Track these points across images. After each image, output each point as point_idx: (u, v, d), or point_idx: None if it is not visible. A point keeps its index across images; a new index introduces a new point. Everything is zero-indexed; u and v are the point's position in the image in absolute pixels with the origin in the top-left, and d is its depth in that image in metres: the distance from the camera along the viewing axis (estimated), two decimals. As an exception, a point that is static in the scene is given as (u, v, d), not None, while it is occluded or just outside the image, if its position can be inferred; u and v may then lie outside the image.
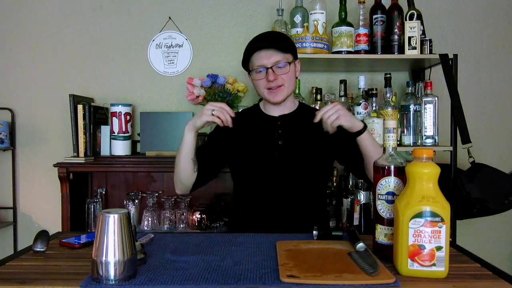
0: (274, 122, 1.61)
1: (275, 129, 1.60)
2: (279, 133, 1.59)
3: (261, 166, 1.58)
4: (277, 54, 1.52)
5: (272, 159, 1.57)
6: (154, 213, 2.26)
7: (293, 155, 1.57)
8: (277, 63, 1.52)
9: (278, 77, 1.53)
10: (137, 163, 2.28)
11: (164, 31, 2.51)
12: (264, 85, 1.55)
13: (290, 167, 1.56)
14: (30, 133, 2.53)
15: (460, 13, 2.53)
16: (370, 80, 2.46)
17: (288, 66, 1.54)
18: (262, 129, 1.62)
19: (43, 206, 2.53)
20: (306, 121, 1.60)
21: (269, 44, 1.52)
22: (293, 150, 1.57)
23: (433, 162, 0.99)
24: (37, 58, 2.54)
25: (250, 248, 1.17)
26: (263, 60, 1.52)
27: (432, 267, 0.94)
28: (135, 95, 2.52)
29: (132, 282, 0.91)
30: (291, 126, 1.61)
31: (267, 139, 1.59)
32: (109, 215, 0.91)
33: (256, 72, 1.55)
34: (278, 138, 1.58)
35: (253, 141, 1.61)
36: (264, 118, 1.65)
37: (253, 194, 1.60)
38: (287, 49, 1.54)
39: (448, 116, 2.16)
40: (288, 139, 1.58)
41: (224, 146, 1.64)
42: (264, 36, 1.58)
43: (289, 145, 1.58)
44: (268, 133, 1.60)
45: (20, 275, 0.98)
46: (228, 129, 1.63)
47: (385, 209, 1.07)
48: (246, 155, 1.60)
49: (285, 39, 1.61)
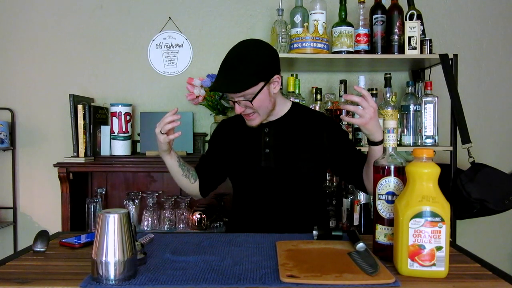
0: (261, 130, 1.58)
1: (261, 137, 1.57)
2: (266, 141, 1.56)
3: (247, 174, 1.57)
4: (237, 94, 1.44)
5: (257, 168, 1.55)
6: (154, 213, 2.26)
7: (279, 164, 1.53)
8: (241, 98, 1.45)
9: (245, 108, 1.48)
10: (137, 163, 2.28)
11: (164, 31, 2.52)
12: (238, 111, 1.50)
13: (277, 175, 1.54)
14: (30, 133, 2.53)
15: (460, 13, 2.53)
16: (370, 80, 2.46)
17: (256, 96, 1.44)
18: (249, 137, 1.59)
19: (43, 206, 2.53)
20: (297, 124, 1.58)
21: (226, 88, 1.45)
22: (280, 158, 1.54)
23: (433, 162, 0.98)
24: (37, 58, 2.54)
25: (250, 248, 1.17)
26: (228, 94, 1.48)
27: (432, 267, 0.94)
28: (135, 95, 2.52)
29: (132, 282, 0.91)
30: (279, 133, 1.57)
31: (253, 148, 1.57)
32: (109, 215, 0.91)
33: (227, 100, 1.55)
34: (264, 147, 1.56)
35: (241, 149, 1.60)
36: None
37: (249, 198, 1.60)
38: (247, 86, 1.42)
39: (448, 116, 2.16)
40: (275, 147, 1.55)
41: (222, 152, 1.65)
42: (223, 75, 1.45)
43: (276, 153, 1.54)
44: (255, 142, 1.57)
45: (20, 275, 0.98)
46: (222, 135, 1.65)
47: (385, 209, 1.07)
48: (235, 163, 1.60)
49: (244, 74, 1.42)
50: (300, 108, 1.65)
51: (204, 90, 2.32)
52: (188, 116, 2.40)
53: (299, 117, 1.60)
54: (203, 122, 2.50)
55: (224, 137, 1.66)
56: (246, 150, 1.59)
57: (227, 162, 1.63)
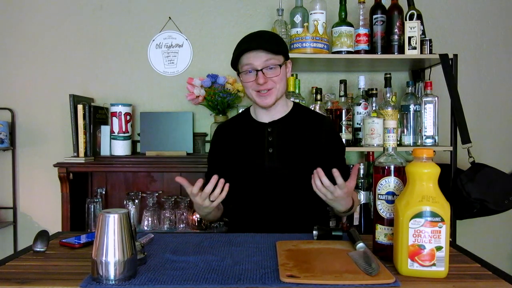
0: (264, 130, 1.58)
1: (264, 137, 1.57)
2: (269, 141, 1.56)
3: (251, 175, 1.56)
4: (267, 55, 1.46)
5: (262, 168, 1.54)
6: (154, 213, 2.26)
7: (283, 163, 1.54)
8: (267, 65, 1.47)
9: (268, 80, 1.48)
10: (137, 163, 2.28)
11: (164, 31, 2.52)
12: (254, 87, 1.50)
13: (282, 175, 1.54)
14: (30, 133, 2.53)
15: (460, 13, 2.53)
16: (370, 80, 2.46)
17: (279, 68, 1.48)
18: (252, 137, 1.59)
19: (43, 206, 2.53)
20: (299, 124, 1.58)
21: (259, 45, 1.46)
22: (284, 157, 1.54)
23: (433, 162, 0.98)
24: (37, 58, 2.54)
25: (250, 248, 1.17)
26: (252, 61, 1.47)
27: (432, 267, 0.94)
28: (135, 95, 2.52)
29: (132, 282, 0.91)
30: (282, 132, 1.57)
31: (257, 148, 1.56)
32: (109, 215, 0.91)
33: (245, 74, 1.50)
34: (268, 146, 1.55)
35: (244, 150, 1.59)
36: (254, 125, 1.61)
37: (250, 198, 1.59)
38: (278, 51, 1.48)
39: (448, 116, 2.17)
40: (279, 146, 1.55)
41: (226, 161, 1.62)
42: (254, 36, 1.51)
43: (279, 152, 1.54)
44: (258, 142, 1.57)
45: (20, 275, 0.98)
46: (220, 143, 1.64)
47: (385, 209, 1.07)
48: (238, 165, 1.59)
49: (276, 39, 1.54)
50: (301, 109, 1.66)
51: (204, 90, 2.32)
52: (188, 116, 2.40)
53: (301, 117, 1.61)
54: (203, 122, 2.50)
55: (224, 144, 1.65)
56: (249, 150, 1.58)
57: (233, 167, 1.61)
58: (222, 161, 1.63)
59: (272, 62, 1.47)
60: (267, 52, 1.46)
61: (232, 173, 1.60)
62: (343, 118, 2.17)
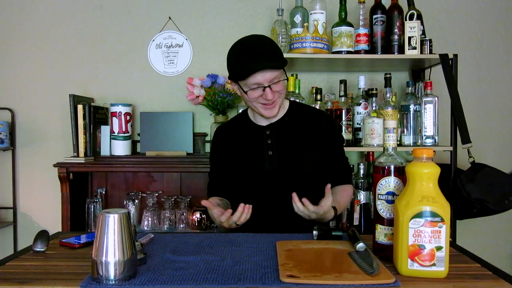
0: (263, 133, 1.58)
1: (263, 139, 1.57)
2: (268, 144, 1.56)
3: (252, 177, 1.57)
4: (273, 73, 1.44)
5: (262, 171, 1.55)
6: (154, 213, 2.26)
7: (283, 165, 1.54)
8: (273, 81, 1.45)
9: (275, 94, 1.47)
10: (137, 163, 2.28)
11: (164, 31, 2.52)
12: (260, 101, 1.49)
13: (282, 177, 1.54)
14: (30, 133, 2.54)
15: (460, 13, 2.53)
16: (370, 80, 2.46)
17: (283, 81, 1.48)
18: (251, 141, 1.59)
19: (43, 206, 2.53)
20: (296, 123, 1.59)
21: (266, 65, 1.42)
22: (283, 159, 1.55)
23: (433, 162, 0.98)
24: (37, 58, 2.54)
25: (250, 248, 1.16)
26: (260, 81, 1.44)
27: (432, 267, 0.94)
28: (135, 95, 2.52)
29: (132, 282, 0.91)
30: (281, 134, 1.57)
31: (256, 151, 1.57)
32: (109, 215, 0.91)
33: (252, 91, 1.47)
34: (267, 149, 1.56)
35: (243, 153, 1.59)
36: (253, 129, 1.61)
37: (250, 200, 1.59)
38: (282, 65, 1.46)
39: (448, 116, 2.17)
40: (278, 148, 1.56)
41: (227, 162, 1.63)
42: (257, 53, 1.44)
43: (279, 155, 1.55)
44: (257, 144, 1.57)
45: (20, 275, 0.98)
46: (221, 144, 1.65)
47: (385, 209, 1.07)
48: (238, 167, 1.59)
49: (277, 52, 1.49)
50: (298, 107, 1.67)
51: (204, 90, 2.32)
52: (188, 116, 2.40)
53: (299, 115, 1.61)
54: (203, 122, 2.50)
55: (224, 146, 1.65)
56: (248, 153, 1.59)
57: (234, 169, 1.62)
58: (224, 162, 1.64)
59: (278, 77, 1.46)
60: (273, 70, 1.44)
61: (233, 174, 1.62)
62: (343, 118, 2.17)
